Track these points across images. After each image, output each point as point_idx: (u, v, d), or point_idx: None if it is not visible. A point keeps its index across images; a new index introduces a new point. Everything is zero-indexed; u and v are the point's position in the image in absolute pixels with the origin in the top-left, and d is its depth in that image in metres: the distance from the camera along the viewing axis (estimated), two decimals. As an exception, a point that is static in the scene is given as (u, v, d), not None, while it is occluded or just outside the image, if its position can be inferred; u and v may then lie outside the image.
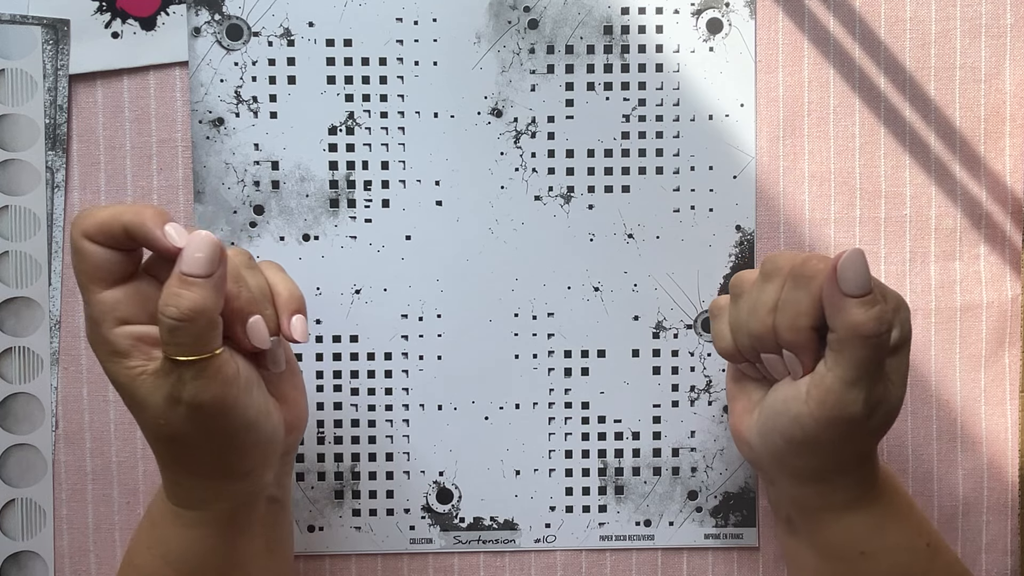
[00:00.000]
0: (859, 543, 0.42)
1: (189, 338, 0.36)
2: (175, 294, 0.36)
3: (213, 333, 0.37)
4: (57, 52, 0.49)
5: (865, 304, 0.37)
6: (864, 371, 0.38)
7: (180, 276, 0.36)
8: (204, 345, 0.37)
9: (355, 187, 0.50)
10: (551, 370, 0.51)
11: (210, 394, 0.37)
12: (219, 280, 0.37)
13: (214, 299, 0.37)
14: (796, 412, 0.40)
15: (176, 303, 0.36)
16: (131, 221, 0.37)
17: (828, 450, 0.40)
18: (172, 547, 0.41)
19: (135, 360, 0.37)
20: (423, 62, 0.50)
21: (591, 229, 0.51)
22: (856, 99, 0.51)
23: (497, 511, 0.51)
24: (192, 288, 0.36)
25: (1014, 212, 0.51)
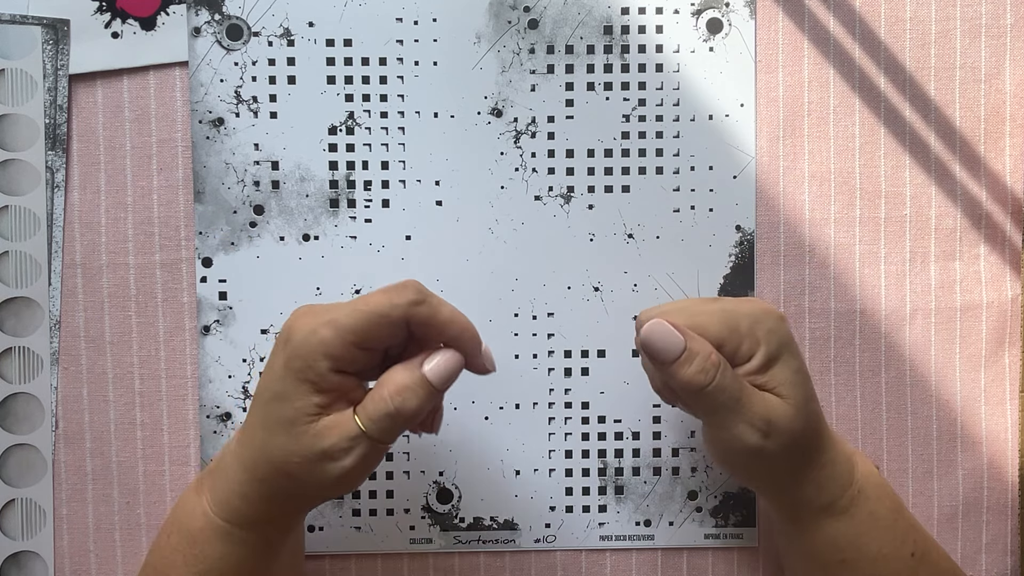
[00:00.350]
0: (838, 551, 0.42)
1: (394, 429, 0.38)
2: (409, 389, 0.38)
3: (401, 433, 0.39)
4: (57, 52, 0.49)
5: (683, 364, 0.39)
6: (728, 411, 0.40)
7: (424, 377, 0.39)
8: (390, 439, 0.39)
9: (355, 187, 0.50)
10: (551, 370, 0.51)
11: (358, 474, 0.39)
12: (440, 396, 0.40)
13: (428, 407, 0.39)
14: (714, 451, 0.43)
15: (407, 399, 0.38)
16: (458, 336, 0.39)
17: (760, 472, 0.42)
18: (216, 565, 0.40)
19: (324, 399, 0.38)
20: (423, 62, 0.50)
21: (591, 229, 0.51)
22: (856, 99, 0.51)
23: (497, 511, 0.51)
24: (424, 392, 0.38)
25: (1014, 212, 0.51)
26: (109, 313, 0.50)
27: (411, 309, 0.38)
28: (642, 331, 0.40)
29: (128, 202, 0.50)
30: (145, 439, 0.50)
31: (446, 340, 0.39)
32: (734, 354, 0.40)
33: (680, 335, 0.39)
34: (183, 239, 0.50)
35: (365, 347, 0.38)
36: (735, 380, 0.39)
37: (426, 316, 0.38)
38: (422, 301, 0.39)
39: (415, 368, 0.39)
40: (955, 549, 0.52)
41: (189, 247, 0.50)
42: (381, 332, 0.38)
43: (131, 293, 0.50)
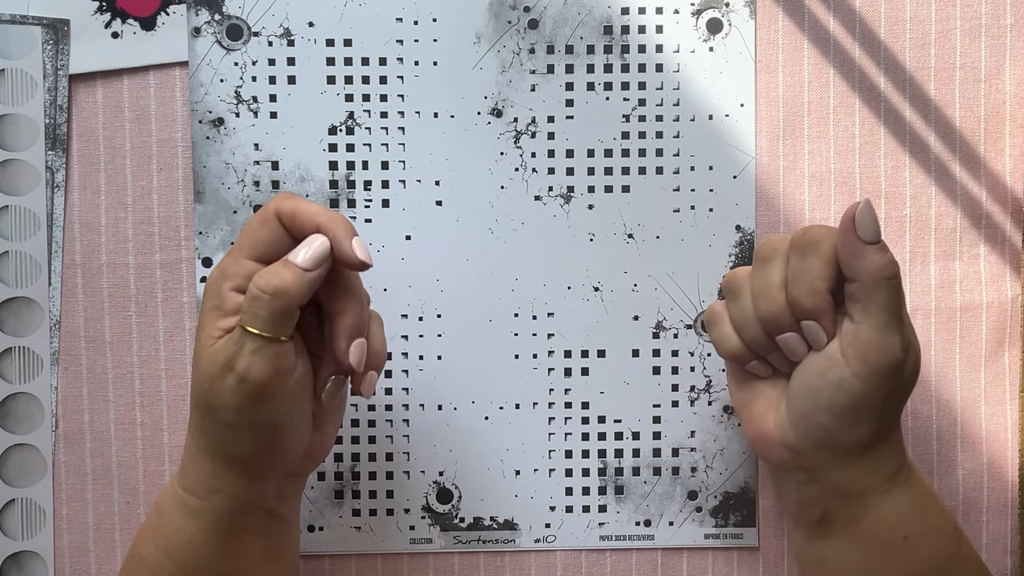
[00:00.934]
0: (902, 527, 0.42)
1: (264, 312, 0.38)
2: (273, 271, 0.39)
3: (286, 320, 0.39)
4: (57, 52, 0.49)
5: (882, 249, 0.39)
6: (894, 313, 0.40)
7: (284, 260, 0.39)
8: (274, 327, 0.39)
9: (355, 187, 0.50)
10: (551, 370, 0.51)
11: (260, 373, 0.38)
12: (314, 279, 0.39)
13: (301, 289, 0.39)
14: (838, 378, 0.40)
15: (268, 278, 0.39)
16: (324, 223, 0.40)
17: (876, 410, 0.41)
18: (173, 539, 0.41)
19: (225, 322, 0.39)
20: (423, 62, 0.50)
21: (591, 229, 0.51)
22: (856, 99, 0.51)
23: (497, 511, 0.51)
24: (288, 271, 0.39)
25: (1014, 212, 0.51)
26: (109, 313, 0.50)
27: (278, 203, 0.40)
28: (861, 206, 0.39)
29: (128, 202, 0.50)
30: (145, 439, 0.50)
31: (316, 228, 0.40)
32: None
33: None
34: (183, 239, 0.50)
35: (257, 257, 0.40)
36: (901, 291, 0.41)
37: (291, 208, 0.40)
38: (288, 196, 0.41)
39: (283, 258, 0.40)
40: (955, 549, 0.52)
41: (189, 247, 0.50)
42: (262, 235, 0.40)
43: (131, 293, 0.50)
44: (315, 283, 0.40)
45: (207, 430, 0.40)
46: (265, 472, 0.41)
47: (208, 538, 0.41)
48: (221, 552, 0.41)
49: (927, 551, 0.42)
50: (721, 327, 0.44)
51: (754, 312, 0.42)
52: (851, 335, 0.40)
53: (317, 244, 0.39)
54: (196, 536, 0.41)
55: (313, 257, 0.39)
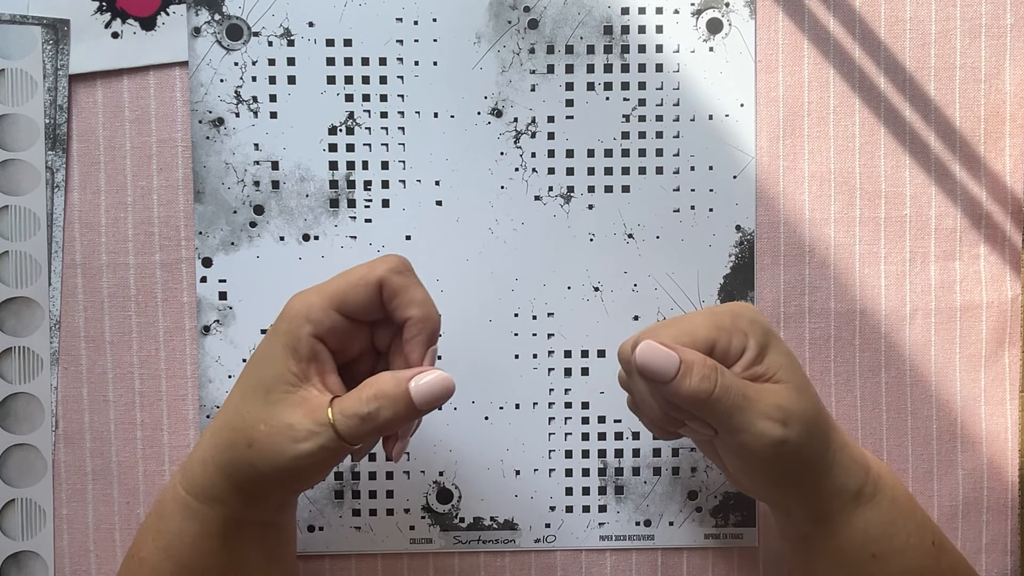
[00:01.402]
0: (869, 544, 0.42)
1: (362, 433, 0.38)
2: (391, 402, 0.38)
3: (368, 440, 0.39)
4: (57, 52, 0.49)
5: (683, 378, 0.38)
6: (737, 416, 0.39)
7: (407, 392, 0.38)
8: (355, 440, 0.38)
9: (355, 187, 0.50)
10: (551, 370, 0.51)
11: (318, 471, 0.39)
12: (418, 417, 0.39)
13: (402, 426, 0.39)
14: (737, 464, 0.41)
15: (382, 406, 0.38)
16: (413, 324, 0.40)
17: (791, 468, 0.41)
18: (175, 540, 0.41)
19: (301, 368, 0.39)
20: (423, 62, 0.50)
21: (591, 229, 0.51)
22: (856, 99, 0.51)
23: (497, 511, 0.51)
24: (402, 407, 0.38)
25: (1014, 212, 0.51)
26: (109, 313, 0.50)
27: (388, 275, 0.39)
28: (636, 354, 0.39)
29: (128, 202, 0.50)
30: (145, 439, 0.50)
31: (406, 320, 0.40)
32: (727, 352, 0.40)
33: (672, 351, 0.39)
34: (183, 239, 0.50)
35: (345, 313, 0.39)
36: (735, 380, 0.39)
37: (399, 285, 0.39)
38: (401, 271, 0.40)
39: (402, 380, 0.39)
40: (955, 549, 0.52)
41: (189, 247, 0.50)
42: (359, 295, 0.39)
43: (131, 293, 0.50)
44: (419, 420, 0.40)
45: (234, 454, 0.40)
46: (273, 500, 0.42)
47: (208, 541, 0.41)
48: (221, 555, 0.41)
49: (899, 568, 0.42)
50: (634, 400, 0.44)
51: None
52: (721, 438, 0.41)
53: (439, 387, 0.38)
54: (197, 539, 0.41)
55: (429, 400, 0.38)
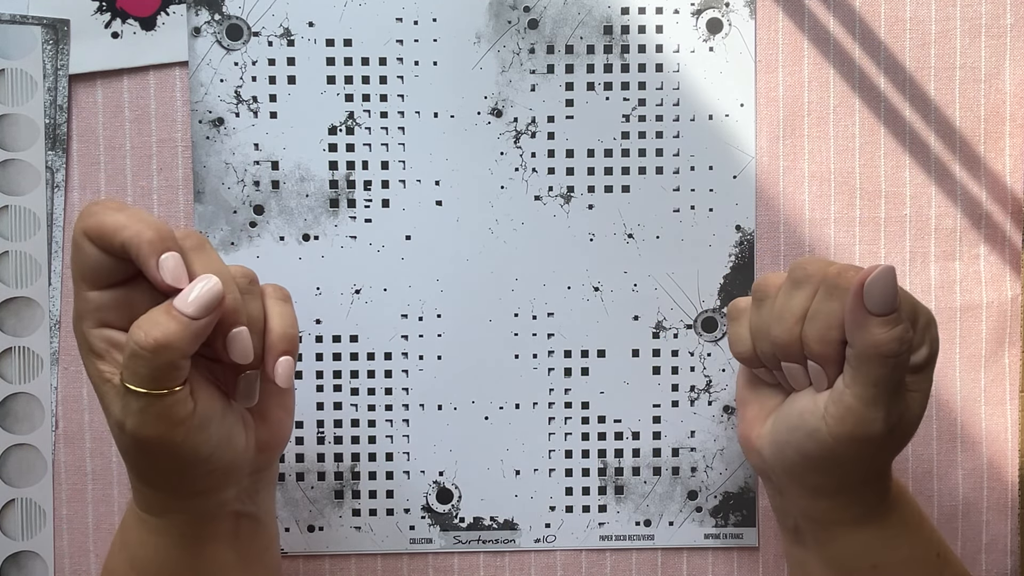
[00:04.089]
0: (871, 556, 0.41)
1: (146, 370, 0.35)
2: (152, 321, 0.35)
3: (174, 373, 0.35)
4: (57, 52, 0.49)
5: (888, 324, 0.36)
6: (883, 390, 0.37)
7: (168, 306, 0.35)
8: (159, 382, 0.35)
9: (355, 187, 0.50)
10: (551, 370, 0.51)
11: (152, 431, 0.36)
12: (204, 327, 0.35)
13: (188, 342, 0.35)
14: (813, 427, 0.39)
15: (147, 329, 0.35)
16: (128, 240, 0.35)
17: (844, 467, 0.39)
18: (138, 552, 0.40)
19: (107, 364, 0.36)
20: (423, 62, 0.50)
21: (591, 229, 0.51)
22: (856, 99, 0.51)
23: (497, 511, 0.51)
24: (171, 321, 0.35)
25: (1014, 212, 0.51)
26: (109, 313, 0.50)
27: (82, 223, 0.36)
28: (877, 272, 0.36)
29: (128, 202, 0.50)
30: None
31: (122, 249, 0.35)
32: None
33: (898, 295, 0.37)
34: (183, 239, 0.50)
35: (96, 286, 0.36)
36: (905, 367, 0.38)
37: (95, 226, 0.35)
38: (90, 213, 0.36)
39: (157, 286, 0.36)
40: (955, 549, 0.52)
41: (189, 247, 0.50)
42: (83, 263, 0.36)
43: (131, 293, 0.50)
44: (205, 331, 0.35)
45: (134, 467, 0.38)
46: (212, 489, 0.39)
47: (172, 551, 0.39)
48: (188, 562, 0.40)
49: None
50: (738, 327, 0.42)
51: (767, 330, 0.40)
52: (837, 394, 0.38)
53: (206, 288, 0.35)
54: (160, 550, 0.39)
55: (201, 303, 0.35)
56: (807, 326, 0.39)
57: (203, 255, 0.37)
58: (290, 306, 0.40)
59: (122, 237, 0.35)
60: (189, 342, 0.35)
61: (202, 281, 0.35)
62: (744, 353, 0.42)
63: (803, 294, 0.39)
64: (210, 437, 0.37)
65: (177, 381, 0.36)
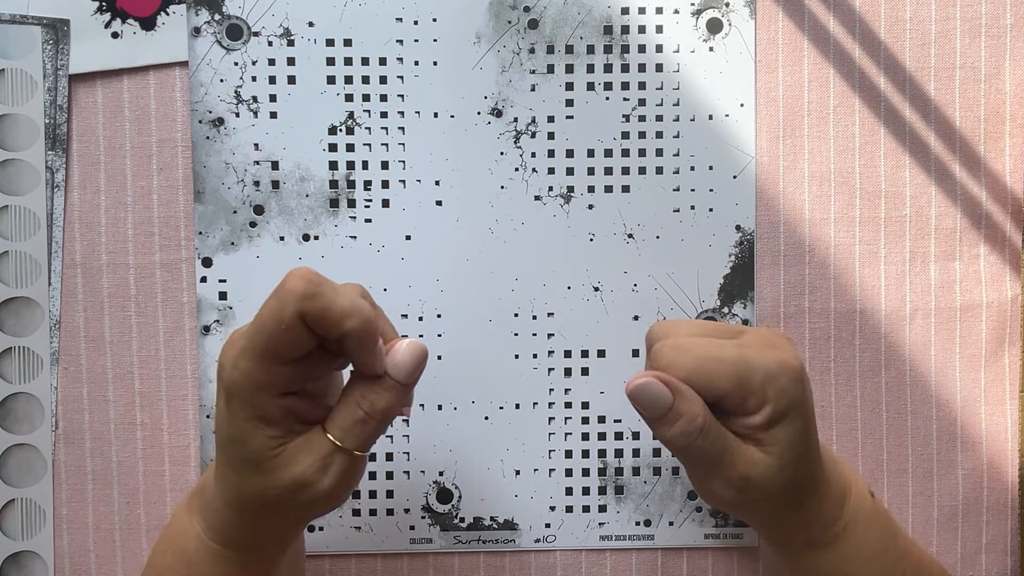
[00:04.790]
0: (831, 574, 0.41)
1: (368, 436, 0.37)
2: (375, 392, 0.37)
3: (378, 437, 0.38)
4: (57, 52, 0.49)
5: (665, 423, 0.38)
6: (700, 469, 0.39)
7: (386, 377, 0.37)
8: (368, 446, 0.38)
9: (355, 187, 0.50)
10: (551, 370, 0.51)
11: (343, 490, 0.38)
12: (410, 391, 0.38)
13: (398, 407, 0.38)
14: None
15: (374, 401, 0.37)
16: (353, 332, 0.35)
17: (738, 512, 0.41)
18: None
19: (278, 430, 0.37)
20: (423, 62, 0.50)
21: (591, 229, 0.51)
22: (856, 99, 0.51)
23: (497, 511, 0.51)
24: (391, 392, 0.37)
25: (1014, 212, 0.51)
26: (109, 313, 0.50)
27: (302, 305, 0.35)
28: (632, 385, 0.37)
29: (128, 202, 0.50)
30: (145, 439, 0.50)
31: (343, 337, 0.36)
32: (738, 406, 0.38)
33: (670, 394, 0.37)
34: (183, 239, 0.50)
35: (286, 360, 0.36)
36: (718, 440, 0.38)
37: (318, 310, 0.35)
38: (312, 294, 0.35)
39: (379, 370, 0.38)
40: (955, 549, 0.52)
41: (189, 247, 0.50)
42: (287, 341, 0.35)
43: (131, 293, 0.50)
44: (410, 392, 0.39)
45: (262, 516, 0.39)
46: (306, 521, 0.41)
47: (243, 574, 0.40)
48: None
49: None
50: None
51: None
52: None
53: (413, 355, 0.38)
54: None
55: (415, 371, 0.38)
56: None
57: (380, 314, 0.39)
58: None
59: (348, 327, 0.35)
60: (400, 406, 0.38)
61: (408, 349, 0.38)
62: None
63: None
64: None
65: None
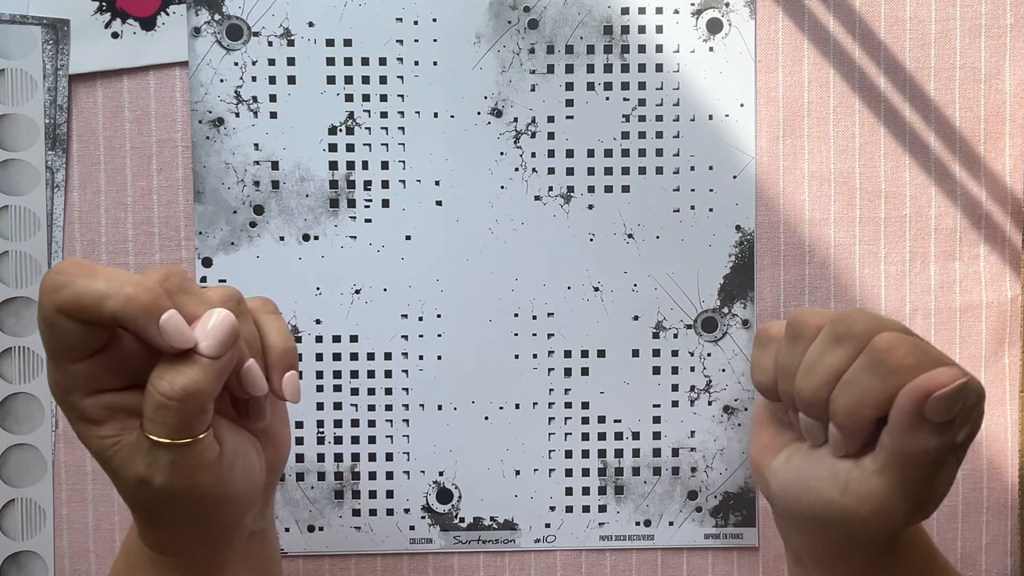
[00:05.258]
0: None
1: (175, 420, 0.33)
2: (175, 369, 0.33)
3: (202, 419, 0.34)
4: (57, 52, 0.49)
5: (943, 431, 0.33)
6: (915, 486, 0.34)
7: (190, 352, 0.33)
8: (188, 430, 0.33)
9: (355, 187, 0.50)
10: (551, 370, 0.51)
11: (184, 482, 0.34)
12: (225, 365, 0.34)
13: (213, 384, 0.33)
14: (829, 497, 0.36)
15: (171, 380, 0.32)
16: (119, 311, 0.32)
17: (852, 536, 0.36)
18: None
19: (108, 430, 0.34)
20: (423, 62, 0.50)
21: (591, 229, 0.51)
22: (856, 99, 0.51)
23: (497, 511, 0.51)
24: (194, 367, 0.33)
25: (1014, 212, 0.51)
26: (109, 313, 0.50)
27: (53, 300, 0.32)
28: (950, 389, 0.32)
29: (128, 202, 0.50)
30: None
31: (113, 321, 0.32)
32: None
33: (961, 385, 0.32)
34: (183, 239, 0.50)
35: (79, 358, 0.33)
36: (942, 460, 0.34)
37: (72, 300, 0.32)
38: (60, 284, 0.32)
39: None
40: (955, 549, 0.52)
41: (189, 247, 0.50)
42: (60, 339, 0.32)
43: (131, 293, 0.50)
44: (227, 368, 0.34)
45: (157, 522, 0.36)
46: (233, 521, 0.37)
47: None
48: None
49: None
50: (764, 356, 0.38)
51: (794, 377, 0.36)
52: (864, 474, 0.35)
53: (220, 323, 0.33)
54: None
55: (220, 341, 0.33)
56: (839, 392, 0.35)
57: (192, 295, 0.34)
58: (281, 318, 0.38)
59: (110, 309, 0.32)
60: (214, 383, 0.33)
61: (212, 317, 0.33)
62: (764, 384, 0.38)
63: (842, 353, 0.35)
64: (238, 474, 0.36)
65: (204, 426, 0.34)
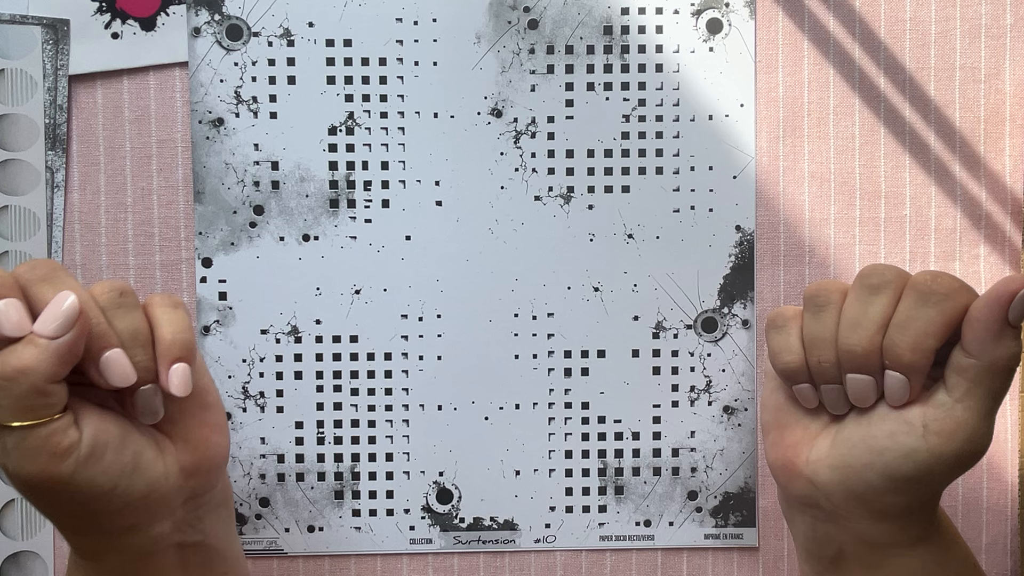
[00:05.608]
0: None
1: (10, 400, 0.32)
2: (10, 351, 0.33)
3: (42, 400, 0.33)
4: (57, 52, 0.49)
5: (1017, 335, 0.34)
6: (998, 402, 0.36)
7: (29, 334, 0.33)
8: (30, 412, 0.33)
9: (355, 187, 0.50)
10: (551, 370, 0.51)
11: (34, 467, 0.33)
12: (66, 346, 0.33)
13: (50, 364, 0.33)
14: (909, 447, 0.36)
15: (5, 360, 0.33)
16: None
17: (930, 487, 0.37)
18: None
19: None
20: (423, 62, 0.50)
21: (591, 229, 0.51)
22: (856, 99, 0.51)
23: (497, 511, 0.51)
24: (28, 347, 0.33)
25: (1014, 212, 0.51)
26: (109, 313, 0.50)
27: None
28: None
29: (128, 202, 0.50)
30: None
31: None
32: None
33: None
34: (183, 239, 0.50)
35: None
36: None
37: None
38: None
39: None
40: (955, 549, 0.52)
41: (189, 247, 0.50)
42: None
43: (131, 293, 0.50)
44: (70, 351, 0.33)
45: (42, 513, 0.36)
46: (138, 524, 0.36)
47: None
48: None
49: None
50: (786, 337, 0.38)
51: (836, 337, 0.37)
52: (944, 410, 0.35)
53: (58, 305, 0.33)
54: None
55: (56, 321, 0.33)
56: (895, 334, 0.36)
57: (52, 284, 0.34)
58: (181, 311, 0.37)
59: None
60: (51, 364, 0.33)
61: (55, 300, 0.33)
62: (792, 364, 0.38)
63: (884, 299, 0.36)
64: (107, 467, 0.35)
65: (51, 409, 0.33)
